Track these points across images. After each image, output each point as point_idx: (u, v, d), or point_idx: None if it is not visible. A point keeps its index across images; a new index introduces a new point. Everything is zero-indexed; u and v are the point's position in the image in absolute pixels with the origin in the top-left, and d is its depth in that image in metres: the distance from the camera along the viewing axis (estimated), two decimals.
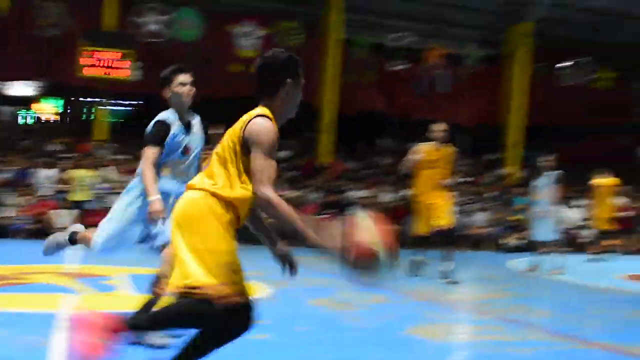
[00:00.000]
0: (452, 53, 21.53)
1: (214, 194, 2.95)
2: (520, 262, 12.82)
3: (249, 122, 2.95)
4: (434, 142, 9.06)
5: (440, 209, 8.92)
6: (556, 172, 11.34)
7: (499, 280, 10.43)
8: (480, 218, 18.07)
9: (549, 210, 11.23)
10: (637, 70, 24.50)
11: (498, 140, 21.97)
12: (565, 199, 13.09)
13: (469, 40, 22.03)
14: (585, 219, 18.27)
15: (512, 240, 17.11)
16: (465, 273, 11.55)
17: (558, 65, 22.64)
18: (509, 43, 21.86)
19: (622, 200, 17.87)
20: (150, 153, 4.19)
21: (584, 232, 17.99)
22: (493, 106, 22.04)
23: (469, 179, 20.09)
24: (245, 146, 2.93)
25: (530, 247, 12.79)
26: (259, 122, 2.93)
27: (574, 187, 19.13)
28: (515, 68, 21.58)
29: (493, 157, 22.28)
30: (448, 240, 9.02)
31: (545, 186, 11.31)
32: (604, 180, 15.03)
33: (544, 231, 11.25)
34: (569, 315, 6.82)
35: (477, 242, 17.75)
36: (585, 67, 22.72)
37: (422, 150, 9.01)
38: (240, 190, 2.95)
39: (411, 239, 9.24)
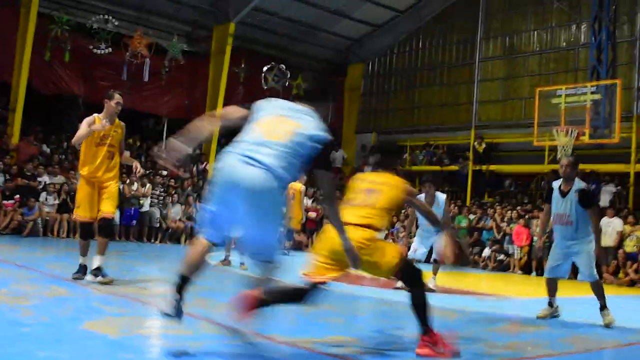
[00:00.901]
0: (157, 43, 21.24)
1: None
2: (213, 256, 13.02)
3: None
4: (104, 114, 7.92)
5: (107, 194, 7.78)
6: None
7: None
8: (177, 211, 18.07)
9: None
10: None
11: None
12: None
13: (175, 33, 21.94)
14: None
15: None
16: (157, 265, 11.50)
17: (262, 68, 23.55)
18: (214, 41, 22.20)
19: (310, 202, 19.17)
20: None
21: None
22: (195, 101, 22.20)
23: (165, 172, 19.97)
24: None
25: (223, 241, 13.11)
26: None
27: None
28: (218, 66, 21.97)
29: (195, 151, 22.43)
30: (107, 231, 7.84)
31: None
32: (297, 185, 16.18)
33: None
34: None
35: (173, 235, 17.75)
36: (284, 74, 23.93)
37: (91, 122, 7.75)
38: None
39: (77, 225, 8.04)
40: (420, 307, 4.69)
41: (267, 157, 4.05)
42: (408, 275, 4.80)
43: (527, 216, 17.88)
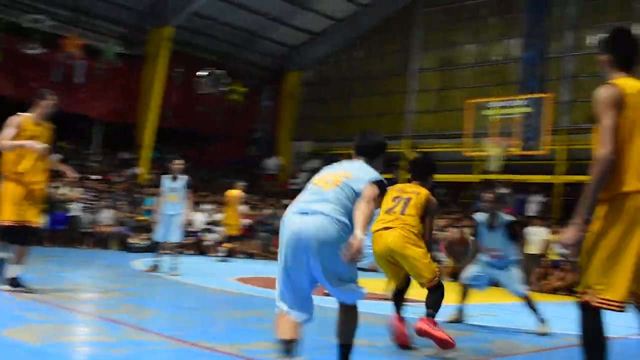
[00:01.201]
0: (92, 45, 20.84)
1: None
2: (144, 262, 12.89)
3: None
4: (33, 115, 7.49)
5: (34, 199, 7.35)
6: (186, 176, 11.67)
7: (116, 279, 10.30)
8: (107, 216, 17.74)
9: (176, 212, 11.51)
10: (263, 87, 26.53)
11: (133, 139, 21.87)
12: (194, 203, 13.52)
13: (110, 35, 21.60)
14: (210, 223, 19.12)
15: (138, 240, 17.12)
16: (85, 272, 11.26)
17: (197, 73, 23.38)
18: (150, 44, 21.91)
19: (246, 208, 19.11)
20: None
21: (210, 236, 18.83)
22: (130, 105, 21.87)
23: (99, 176, 19.63)
24: None
25: (154, 247, 12.99)
26: None
27: (202, 192, 19.91)
28: (153, 70, 21.67)
29: (127, 156, 22.08)
30: (28, 239, 7.33)
31: (174, 189, 11.55)
32: (234, 192, 16.37)
33: (165, 232, 11.48)
34: (176, 316, 6.99)
35: (103, 240, 17.41)
36: (220, 79, 23.82)
37: (20, 122, 7.31)
38: None
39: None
40: (435, 304, 5.65)
41: (321, 205, 3.96)
42: (436, 285, 5.71)
43: (459, 225, 18.22)
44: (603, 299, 3.47)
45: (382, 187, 4.06)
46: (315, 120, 26.71)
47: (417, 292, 6.14)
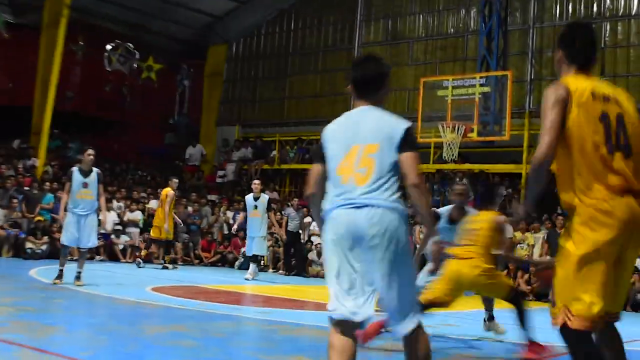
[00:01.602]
0: None
1: None
2: (43, 270, 12.63)
3: None
4: None
5: None
6: (96, 169, 11.42)
7: (9, 292, 9.99)
8: None
9: (88, 212, 11.25)
10: (182, 64, 26.25)
11: (27, 124, 21.24)
12: (106, 200, 13.25)
13: None
14: (121, 223, 18.84)
15: (36, 245, 16.68)
16: None
17: (104, 47, 22.95)
18: (46, 12, 21.18)
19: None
20: None
21: (122, 238, 18.57)
22: (23, 84, 21.29)
23: None
24: None
25: (56, 253, 12.70)
26: None
27: (110, 187, 19.55)
28: (51, 43, 20.83)
29: (20, 145, 21.49)
30: None
31: (85, 184, 11.27)
32: (166, 189, 16.37)
33: (75, 235, 11.18)
34: (82, 334, 6.84)
35: None
36: (130, 54, 23.44)
37: None
38: None
39: None
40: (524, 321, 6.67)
41: (367, 197, 3.89)
42: (516, 297, 6.89)
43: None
44: (577, 317, 3.58)
45: (415, 147, 4.04)
46: (244, 102, 26.54)
47: None
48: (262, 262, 17.59)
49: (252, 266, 15.22)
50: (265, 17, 26.20)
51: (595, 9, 19.59)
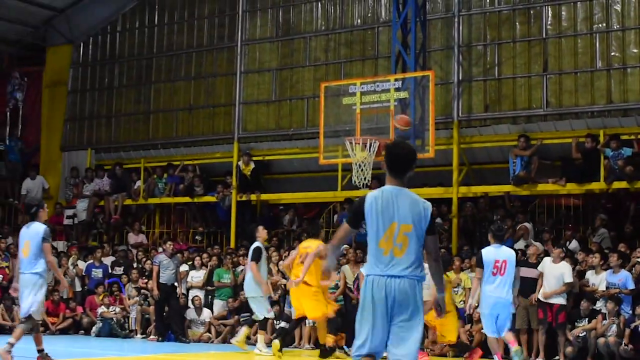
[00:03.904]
0: None
1: None
2: None
3: None
4: None
5: None
6: None
7: None
8: None
9: None
10: (13, 72, 25.54)
11: None
12: None
13: None
14: None
15: None
16: None
17: None
18: None
19: None
20: None
21: None
22: None
23: None
24: None
25: None
26: None
27: None
28: None
29: None
30: None
31: None
32: None
33: None
34: None
35: None
36: None
37: None
38: None
39: None
40: None
41: (399, 268, 6.37)
42: None
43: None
44: None
45: (435, 229, 6.80)
46: (97, 118, 25.97)
47: None
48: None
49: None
50: (120, 9, 25.72)
51: None
